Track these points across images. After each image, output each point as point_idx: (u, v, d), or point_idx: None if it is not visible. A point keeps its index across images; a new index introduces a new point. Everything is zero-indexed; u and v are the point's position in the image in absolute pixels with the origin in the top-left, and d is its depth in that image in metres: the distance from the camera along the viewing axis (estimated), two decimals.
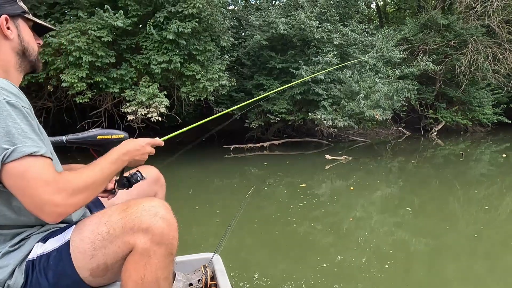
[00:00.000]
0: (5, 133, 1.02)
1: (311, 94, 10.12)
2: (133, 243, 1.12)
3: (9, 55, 1.22)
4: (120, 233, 1.12)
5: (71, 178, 1.10)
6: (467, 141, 13.38)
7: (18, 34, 1.23)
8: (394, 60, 11.62)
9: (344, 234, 4.17)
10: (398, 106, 11.56)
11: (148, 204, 1.16)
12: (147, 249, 1.11)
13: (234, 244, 3.55)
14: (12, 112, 1.04)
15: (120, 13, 7.04)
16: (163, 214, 1.14)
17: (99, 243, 1.13)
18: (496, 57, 13.07)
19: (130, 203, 1.17)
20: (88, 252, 1.14)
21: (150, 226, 1.11)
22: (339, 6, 11.45)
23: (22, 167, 1.02)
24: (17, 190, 1.04)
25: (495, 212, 4.95)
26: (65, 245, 1.16)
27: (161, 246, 1.12)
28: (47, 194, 1.03)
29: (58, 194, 1.05)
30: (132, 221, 1.12)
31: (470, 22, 13.56)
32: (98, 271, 1.16)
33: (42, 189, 1.03)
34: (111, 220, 1.14)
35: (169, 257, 1.16)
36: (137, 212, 1.13)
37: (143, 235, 1.11)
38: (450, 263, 3.25)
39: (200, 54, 7.82)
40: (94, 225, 1.16)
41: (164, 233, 1.13)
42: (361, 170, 7.93)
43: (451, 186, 6.52)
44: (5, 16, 1.18)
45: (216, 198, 5.63)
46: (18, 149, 1.02)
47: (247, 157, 9.71)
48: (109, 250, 1.13)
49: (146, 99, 7.18)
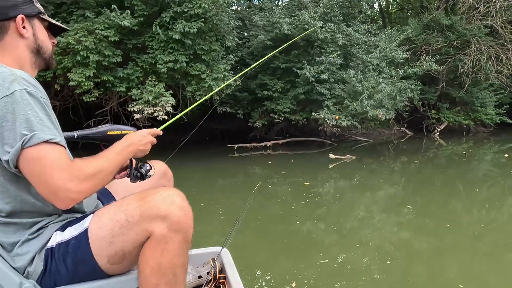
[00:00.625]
0: (24, 120, 1.06)
1: (315, 94, 10.18)
2: (151, 230, 1.15)
3: (24, 52, 1.27)
4: (138, 221, 1.15)
5: (82, 165, 1.14)
6: (470, 141, 13.42)
7: (33, 33, 1.29)
8: (397, 60, 11.67)
9: (347, 232, 4.22)
10: (401, 106, 11.61)
11: (165, 193, 1.20)
12: (164, 236, 1.14)
13: (238, 242, 3.57)
14: (31, 101, 1.09)
15: (127, 13, 7.12)
16: (180, 202, 1.18)
17: (118, 230, 1.17)
18: (499, 58, 13.10)
19: (148, 192, 1.21)
20: (107, 239, 1.17)
21: (167, 213, 1.15)
22: (343, 7, 11.52)
23: (39, 153, 1.07)
24: (32, 176, 1.08)
25: (497, 212, 4.99)
26: (83, 233, 1.19)
27: (178, 233, 1.16)
28: (62, 180, 1.07)
29: (71, 181, 1.08)
30: (150, 208, 1.15)
31: (473, 22, 13.59)
32: (115, 258, 1.19)
33: (57, 175, 1.07)
34: (129, 208, 1.18)
35: (185, 245, 1.19)
36: (154, 200, 1.17)
37: (161, 222, 1.14)
38: (452, 262, 3.29)
39: (206, 54, 7.90)
40: (113, 213, 1.20)
41: (181, 221, 1.16)
42: (364, 170, 7.99)
43: (453, 186, 6.56)
44: (21, 16, 1.24)
45: (220, 197, 5.68)
46: (36, 135, 1.06)
47: (250, 156, 9.78)
48: (127, 237, 1.16)
49: (152, 98, 7.27)
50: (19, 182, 1.15)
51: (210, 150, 11.25)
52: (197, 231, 1.21)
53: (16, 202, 1.16)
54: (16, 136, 1.05)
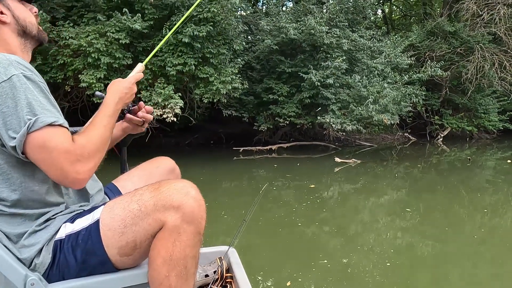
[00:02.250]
0: (26, 105, 1.05)
1: (320, 98, 10.28)
2: (164, 220, 1.13)
3: (12, 38, 1.23)
4: (152, 210, 1.14)
5: (84, 142, 1.12)
6: (473, 147, 13.48)
7: (13, 15, 1.23)
8: (401, 66, 11.78)
9: (351, 236, 4.25)
10: (405, 111, 11.70)
11: (179, 183, 1.19)
12: (177, 226, 1.13)
13: (242, 242, 3.61)
14: (30, 85, 1.08)
15: (138, 16, 7.25)
16: (194, 194, 1.18)
17: (130, 220, 1.15)
18: (502, 65, 13.19)
19: (161, 183, 1.20)
20: (118, 229, 1.16)
21: (181, 204, 1.14)
22: (348, 12, 11.64)
23: (44, 137, 1.06)
24: (40, 161, 1.08)
25: (500, 218, 5.01)
26: (94, 224, 1.18)
27: (190, 224, 1.15)
28: (69, 163, 1.07)
29: (78, 162, 1.08)
30: (164, 199, 1.14)
31: (476, 29, 13.70)
32: (126, 249, 1.17)
33: (63, 158, 1.07)
34: (142, 198, 1.16)
35: (197, 236, 1.18)
36: (168, 191, 1.15)
37: (174, 213, 1.13)
38: (455, 268, 3.29)
39: (214, 57, 8.01)
40: (125, 203, 1.18)
41: (195, 212, 1.15)
42: (368, 174, 8.06)
43: (456, 192, 6.59)
44: None
45: (225, 199, 5.74)
46: (39, 119, 1.05)
47: (255, 159, 9.86)
48: (140, 227, 1.15)
49: (162, 100, 7.37)
50: (24, 168, 1.14)
51: (215, 153, 11.34)
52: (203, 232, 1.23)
53: (22, 190, 1.14)
54: (20, 121, 1.04)
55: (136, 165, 1.73)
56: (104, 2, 7.66)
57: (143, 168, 1.66)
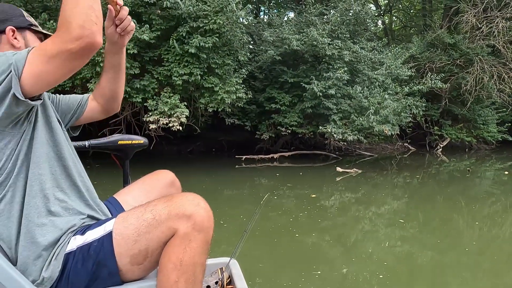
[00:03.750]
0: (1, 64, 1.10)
1: (322, 108, 10.43)
2: (176, 228, 1.20)
3: None
4: (166, 219, 1.21)
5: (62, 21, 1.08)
6: (472, 158, 13.60)
7: (25, 44, 1.34)
8: (401, 77, 11.96)
9: (351, 246, 4.30)
10: (405, 122, 11.85)
11: (191, 196, 1.28)
12: (188, 234, 1.20)
13: (242, 252, 3.63)
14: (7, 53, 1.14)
15: (146, 27, 7.42)
16: (204, 205, 1.26)
17: (144, 228, 1.21)
18: (501, 77, 13.38)
19: (174, 195, 1.29)
20: (132, 237, 1.22)
21: (193, 213, 1.21)
22: (349, 24, 11.84)
23: (33, 60, 1.09)
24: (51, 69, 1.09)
25: (499, 229, 5.04)
26: (107, 235, 1.23)
27: (200, 233, 1.22)
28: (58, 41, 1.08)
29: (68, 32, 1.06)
30: (177, 208, 1.22)
31: (475, 42, 13.92)
32: (139, 257, 1.23)
33: (57, 42, 1.08)
34: (156, 208, 1.23)
35: (206, 245, 1.25)
36: (181, 201, 1.24)
37: (186, 221, 1.20)
38: (453, 279, 3.32)
39: (219, 67, 8.18)
40: (139, 213, 1.25)
41: (204, 222, 1.23)
42: (368, 184, 8.15)
43: (455, 202, 6.63)
44: (10, 27, 1.32)
45: (227, 207, 5.77)
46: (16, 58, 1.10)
47: (257, 167, 9.98)
48: (153, 235, 1.21)
49: (168, 109, 7.52)
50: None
51: (217, 161, 11.46)
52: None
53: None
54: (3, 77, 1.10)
55: (138, 173, 1.79)
56: None
57: (143, 181, 1.72)
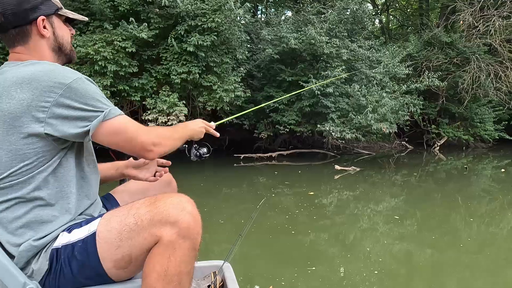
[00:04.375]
0: (96, 100, 1.19)
1: (320, 107, 10.46)
2: (159, 235, 1.14)
3: (47, 52, 1.33)
4: (148, 225, 1.14)
5: (159, 129, 1.36)
6: (469, 156, 13.66)
7: (53, 31, 1.32)
8: (399, 76, 12.00)
9: (350, 244, 4.31)
10: (403, 121, 11.89)
11: (176, 198, 1.20)
12: (172, 242, 1.14)
13: (239, 251, 3.61)
14: (93, 85, 1.24)
15: (145, 26, 7.43)
16: (190, 209, 1.18)
17: (126, 234, 1.16)
18: (497, 75, 13.44)
19: (158, 197, 1.21)
20: (115, 242, 1.16)
21: (177, 219, 1.14)
22: (347, 23, 11.87)
23: (121, 123, 1.23)
24: (122, 141, 1.24)
25: (496, 227, 5.08)
26: (91, 236, 1.18)
27: (186, 240, 1.15)
28: (148, 138, 1.26)
29: (155, 138, 1.28)
30: (160, 213, 1.15)
31: (472, 40, 13.95)
32: (122, 262, 1.18)
33: (144, 135, 1.25)
34: (139, 212, 1.17)
35: (192, 252, 1.18)
36: (165, 206, 1.16)
37: (170, 228, 1.14)
38: (452, 277, 3.32)
39: (217, 66, 8.20)
40: (122, 216, 1.19)
41: (190, 228, 1.16)
42: (366, 182, 8.20)
43: (453, 200, 6.67)
44: (42, 17, 1.29)
45: (225, 206, 5.80)
46: (111, 110, 1.21)
47: (256, 166, 9.99)
48: (135, 241, 1.15)
49: (166, 108, 7.53)
50: (46, 169, 1.21)
51: (216, 160, 11.44)
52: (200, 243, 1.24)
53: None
54: (93, 113, 1.18)
55: None
56: (111, 11, 7.83)
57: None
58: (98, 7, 7.58)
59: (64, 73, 1.20)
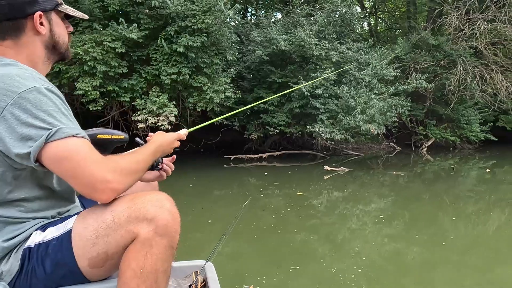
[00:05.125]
0: (47, 115, 1.06)
1: (309, 108, 10.54)
2: (136, 232, 1.11)
3: (39, 49, 1.25)
4: (125, 222, 1.11)
5: (117, 159, 1.15)
6: (456, 157, 13.86)
7: (50, 29, 1.25)
8: (387, 78, 12.16)
9: (339, 244, 4.35)
10: (391, 122, 12.04)
11: (154, 196, 1.17)
12: (149, 239, 1.11)
13: (227, 252, 3.62)
14: (51, 97, 1.10)
15: (134, 26, 7.42)
16: (169, 206, 1.15)
17: (102, 231, 1.12)
18: (483, 77, 13.68)
19: (137, 195, 1.17)
20: (90, 239, 1.13)
21: (155, 216, 1.12)
22: (336, 25, 12.00)
23: (69, 147, 1.06)
24: (65, 171, 1.07)
25: (483, 226, 5.16)
26: (66, 234, 1.15)
27: (163, 237, 1.12)
28: (99, 171, 1.07)
29: (108, 172, 1.09)
30: (138, 210, 1.12)
31: (459, 43, 14.20)
32: (97, 260, 1.15)
33: (94, 167, 1.07)
34: (116, 209, 1.13)
35: (170, 250, 1.15)
36: (143, 202, 1.13)
37: (147, 225, 1.11)
38: (441, 276, 3.36)
39: (208, 67, 8.22)
40: (99, 213, 1.15)
41: (168, 225, 1.13)
42: (355, 183, 8.27)
43: (441, 200, 6.75)
44: (39, 13, 1.20)
45: (214, 206, 5.80)
46: (61, 129, 1.06)
47: (246, 167, 10.01)
48: (112, 238, 1.12)
49: (156, 108, 7.52)
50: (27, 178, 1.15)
51: (206, 161, 11.46)
52: (186, 241, 1.20)
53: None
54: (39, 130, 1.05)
55: None
56: (100, 12, 7.80)
57: None
58: (88, 7, 7.54)
59: (23, 80, 1.09)
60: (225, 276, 2.92)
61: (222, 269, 1.61)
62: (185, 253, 2.96)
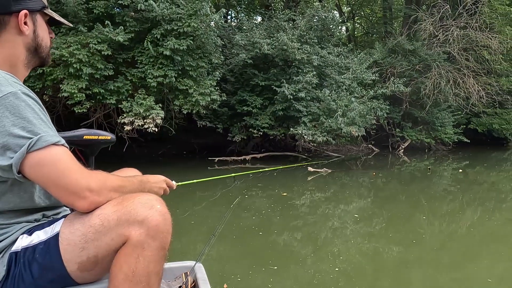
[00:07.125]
0: (27, 122, 1.02)
1: (292, 111, 10.75)
2: (127, 235, 1.09)
3: (20, 50, 1.19)
4: (115, 225, 1.09)
5: (107, 173, 1.15)
6: (431, 158, 14.36)
7: (34, 30, 1.20)
8: (366, 81, 12.52)
9: (321, 244, 4.46)
10: (370, 124, 12.40)
11: (144, 197, 1.14)
12: (141, 241, 1.09)
13: (213, 254, 3.67)
14: (29, 102, 1.05)
15: (121, 29, 7.43)
16: (160, 207, 1.13)
17: (92, 235, 1.09)
18: (456, 82, 14.22)
19: (125, 197, 1.14)
20: (79, 244, 1.10)
21: (146, 218, 1.09)
22: (316, 30, 12.27)
23: (52, 156, 1.04)
24: (47, 180, 1.05)
25: (457, 225, 5.41)
26: (53, 238, 1.12)
27: (155, 239, 1.10)
28: (84, 179, 1.06)
29: (93, 181, 1.08)
30: (128, 213, 1.09)
31: (433, 48, 14.74)
32: (87, 264, 1.12)
33: (78, 175, 1.06)
34: (104, 212, 1.10)
35: (162, 252, 1.13)
36: (133, 204, 1.10)
37: (139, 227, 1.09)
38: (417, 274, 3.48)
39: (193, 70, 8.30)
40: (86, 217, 1.11)
41: (160, 226, 1.11)
42: (336, 184, 8.52)
43: (417, 200, 7.01)
44: (25, 11, 1.16)
45: (199, 209, 5.87)
46: (42, 138, 1.02)
47: (230, 169, 10.09)
48: (102, 242, 1.10)
49: (143, 111, 7.55)
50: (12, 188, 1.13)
51: (189, 163, 11.48)
52: (173, 244, 1.21)
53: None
54: (18, 139, 1.01)
55: None
56: (85, 14, 7.78)
57: None
58: (72, 9, 7.51)
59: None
60: (211, 276, 2.91)
61: (209, 270, 1.62)
62: (170, 254, 3.21)
